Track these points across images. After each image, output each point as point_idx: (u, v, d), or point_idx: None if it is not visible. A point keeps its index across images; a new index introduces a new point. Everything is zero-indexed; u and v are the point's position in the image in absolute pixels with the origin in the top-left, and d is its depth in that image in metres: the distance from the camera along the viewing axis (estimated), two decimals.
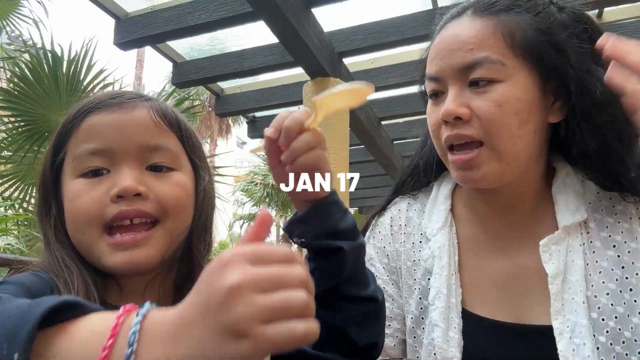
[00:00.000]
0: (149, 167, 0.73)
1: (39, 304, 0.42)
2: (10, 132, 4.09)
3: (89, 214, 0.69)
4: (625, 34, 3.08)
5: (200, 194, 0.79)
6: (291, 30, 2.55)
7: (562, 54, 0.83)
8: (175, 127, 0.78)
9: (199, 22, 2.76)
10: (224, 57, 3.42)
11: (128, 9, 2.98)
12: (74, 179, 0.71)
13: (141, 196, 0.69)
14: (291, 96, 3.83)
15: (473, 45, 0.84)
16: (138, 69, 17.30)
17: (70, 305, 0.44)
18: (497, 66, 0.82)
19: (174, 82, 3.67)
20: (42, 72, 3.90)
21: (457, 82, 0.86)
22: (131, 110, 0.73)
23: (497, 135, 0.82)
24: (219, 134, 21.84)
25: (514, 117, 0.82)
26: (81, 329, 0.43)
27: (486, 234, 0.96)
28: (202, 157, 0.83)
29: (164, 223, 0.72)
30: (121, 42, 3.01)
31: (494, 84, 0.82)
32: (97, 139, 0.71)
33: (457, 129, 0.85)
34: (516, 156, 0.84)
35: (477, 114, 0.83)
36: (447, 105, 0.84)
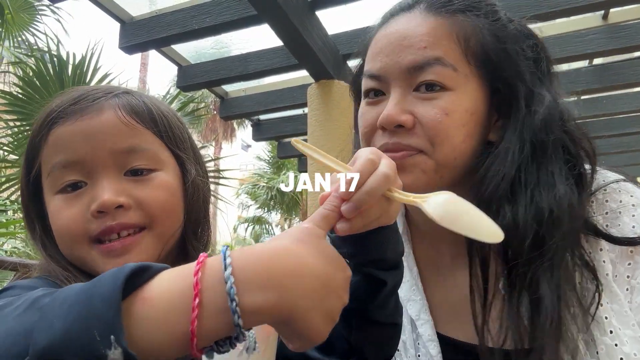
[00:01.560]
0: (127, 171, 0.69)
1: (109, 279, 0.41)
2: (16, 136, 4.11)
3: (73, 232, 0.66)
4: (631, 34, 3.04)
5: (189, 189, 0.74)
6: (295, 33, 2.55)
7: (515, 66, 0.77)
8: (149, 122, 0.72)
9: (203, 25, 2.76)
10: (229, 60, 3.43)
11: (133, 13, 2.99)
12: (53, 195, 0.68)
13: (123, 207, 0.66)
14: (296, 99, 3.83)
15: (426, 44, 0.75)
16: (142, 73, 17.38)
17: (138, 271, 0.43)
18: (448, 71, 0.74)
19: (178, 85, 3.67)
20: (47, 76, 3.92)
21: (402, 83, 0.77)
22: (97, 114, 0.68)
23: (440, 145, 0.74)
24: (223, 137, 21.89)
25: (461, 129, 0.75)
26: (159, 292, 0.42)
27: (432, 250, 0.89)
28: (185, 147, 0.77)
29: (151, 229, 0.68)
30: (126, 46, 3.01)
31: (442, 91, 0.75)
32: (67, 151, 0.67)
33: (396, 137, 0.76)
34: (453, 170, 0.77)
35: (422, 121, 0.75)
36: (389, 110, 0.76)
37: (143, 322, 0.41)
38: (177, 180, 0.74)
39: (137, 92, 0.76)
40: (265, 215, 17.08)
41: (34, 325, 0.40)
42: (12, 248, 4.75)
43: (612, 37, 3.06)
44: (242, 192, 16.43)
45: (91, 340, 0.37)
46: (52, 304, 0.41)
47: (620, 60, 3.52)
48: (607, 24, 3.10)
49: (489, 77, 0.77)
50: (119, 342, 0.38)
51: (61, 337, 0.38)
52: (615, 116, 4.32)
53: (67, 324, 0.39)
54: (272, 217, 18.12)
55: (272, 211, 16.12)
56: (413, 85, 0.77)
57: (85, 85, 0.80)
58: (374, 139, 0.80)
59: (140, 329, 0.40)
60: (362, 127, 0.83)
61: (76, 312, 0.39)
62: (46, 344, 0.38)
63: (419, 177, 0.76)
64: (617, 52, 3.18)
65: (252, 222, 17.67)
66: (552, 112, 0.76)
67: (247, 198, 16.68)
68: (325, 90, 3.05)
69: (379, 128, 0.78)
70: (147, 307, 0.41)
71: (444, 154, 0.75)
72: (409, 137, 0.75)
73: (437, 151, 0.75)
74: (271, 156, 14.99)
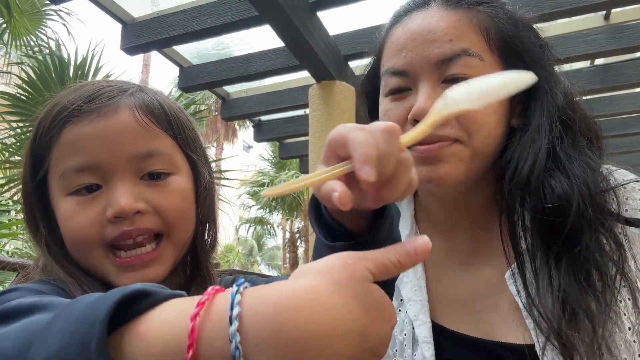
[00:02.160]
0: (144, 175, 0.67)
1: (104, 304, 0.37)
2: (19, 137, 4.13)
3: (88, 237, 0.63)
4: (633, 35, 3.04)
5: (201, 194, 0.73)
6: (297, 34, 2.55)
7: (533, 52, 0.80)
8: (165, 124, 0.70)
9: (205, 26, 2.77)
10: (230, 61, 3.43)
11: (134, 14, 3.00)
12: (64, 196, 0.65)
13: (140, 213, 0.64)
14: (297, 100, 3.83)
15: (452, 36, 0.77)
16: (144, 74, 17.40)
17: (136, 296, 0.38)
18: (475, 61, 0.76)
19: (180, 86, 3.68)
20: (49, 77, 3.94)
21: (430, 77, 0.78)
22: (113, 115, 0.65)
23: (477, 132, 0.76)
24: (225, 138, 21.90)
25: (493, 116, 0.77)
26: (155, 330, 0.37)
27: (446, 246, 0.90)
28: (198, 149, 0.75)
29: (169, 237, 0.67)
30: (128, 47, 3.02)
31: None
32: (82, 153, 0.64)
33: None
34: (485, 156, 0.79)
35: None
36: (422, 102, 0.76)
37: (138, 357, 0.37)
38: (190, 183, 0.72)
39: (149, 89, 0.74)
40: (267, 215, 17.09)
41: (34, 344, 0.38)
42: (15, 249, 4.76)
43: (613, 38, 3.05)
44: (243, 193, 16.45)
45: None
46: (56, 318, 0.39)
47: (622, 60, 3.52)
48: (608, 24, 3.09)
49: (510, 64, 0.79)
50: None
51: (56, 356, 0.36)
52: (617, 117, 4.31)
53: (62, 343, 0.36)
54: (273, 218, 18.13)
55: (273, 212, 16.13)
56: (441, 78, 0.78)
57: (95, 80, 0.76)
58: None
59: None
60: None
61: (70, 331, 0.37)
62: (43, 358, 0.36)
63: (456, 166, 0.77)
64: (618, 53, 3.17)
65: (253, 222, 17.68)
66: (567, 93, 0.81)
67: (248, 199, 16.70)
68: (327, 91, 3.05)
69: (410, 122, 0.78)
70: (141, 344, 0.37)
71: (480, 141, 0.77)
72: (443, 128, 0.75)
73: (473, 139, 0.76)
74: (273, 156, 15.00)
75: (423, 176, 0.78)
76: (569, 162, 0.75)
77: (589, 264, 0.70)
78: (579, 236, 0.70)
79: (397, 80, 0.82)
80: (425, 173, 0.77)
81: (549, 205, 0.72)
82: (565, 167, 0.75)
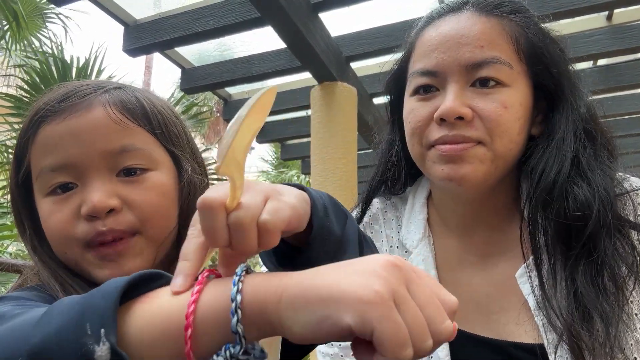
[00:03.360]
0: (120, 172, 0.66)
1: (115, 280, 0.39)
2: None
3: (65, 235, 0.63)
4: (636, 35, 3.03)
5: (184, 187, 0.71)
6: (298, 35, 2.55)
7: (560, 63, 0.83)
8: (141, 119, 0.68)
9: (206, 28, 2.77)
10: (232, 62, 3.43)
11: (137, 16, 3.00)
12: (43, 197, 0.65)
13: (115, 210, 0.63)
14: (299, 101, 3.82)
15: (484, 43, 0.79)
16: (146, 75, 17.43)
17: (147, 278, 0.41)
18: (505, 68, 0.79)
19: (182, 88, 3.68)
20: (51, 79, 3.94)
21: (459, 79, 0.80)
22: (86, 112, 0.64)
23: (500, 137, 0.78)
24: None
25: (517, 122, 0.80)
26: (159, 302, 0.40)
27: (460, 248, 0.91)
28: (181, 144, 0.74)
29: (144, 232, 0.66)
30: (130, 49, 3.02)
31: (499, 87, 0.79)
32: (55, 152, 0.64)
33: (456, 129, 0.79)
34: (506, 161, 0.81)
35: (482, 114, 0.78)
36: (451, 102, 0.78)
37: (138, 319, 0.38)
38: (171, 179, 0.71)
39: (130, 86, 0.73)
40: None
41: (34, 324, 0.39)
42: (17, 250, 4.77)
43: (616, 38, 3.04)
44: None
45: (82, 335, 0.36)
46: (57, 305, 0.40)
47: (625, 61, 3.51)
48: (611, 24, 3.08)
49: (536, 74, 0.82)
50: (108, 338, 0.35)
51: (55, 333, 0.37)
52: (620, 117, 4.30)
53: (64, 320, 0.37)
54: None
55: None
56: (470, 81, 0.80)
57: (75, 80, 0.75)
58: (429, 133, 0.82)
59: (134, 327, 0.38)
60: (415, 121, 0.85)
61: (75, 309, 0.38)
62: (39, 339, 0.37)
63: (477, 167, 0.79)
64: (621, 53, 3.16)
65: None
66: (589, 106, 0.84)
67: None
68: (328, 92, 3.05)
69: (436, 121, 0.81)
70: (145, 305, 0.39)
71: (503, 145, 0.79)
72: (468, 129, 0.78)
73: (495, 142, 0.78)
74: (275, 157, 15.00)
75: (444, 174, 0.80)
76: (591, 171, 0.78)
77: (605, 268, 0.72)
78: (598, 241, 0.73)
79: (425, 79, 0.83)
80: (446, 171, 0.80)
81: (572, 211, 0.75)
82: (587, 176, 0.78)
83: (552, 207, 0.77)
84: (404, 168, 0.98)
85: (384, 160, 1.00)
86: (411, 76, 0.87)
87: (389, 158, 0.99)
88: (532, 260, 0.80)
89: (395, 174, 0.98)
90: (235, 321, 0.37)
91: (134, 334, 0.38)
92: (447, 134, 0.79)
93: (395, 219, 1.00)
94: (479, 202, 0.87)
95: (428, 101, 0.83)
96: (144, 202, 0.65)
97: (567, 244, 0.76)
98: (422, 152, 0.85)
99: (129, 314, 0.39)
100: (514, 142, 0.80)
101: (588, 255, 0.73)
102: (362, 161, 3.14)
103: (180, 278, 0.41)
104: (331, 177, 2.91)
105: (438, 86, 0.83)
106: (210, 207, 0.41)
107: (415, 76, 0.85)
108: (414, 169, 0.95)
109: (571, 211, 0.75)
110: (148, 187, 0.66)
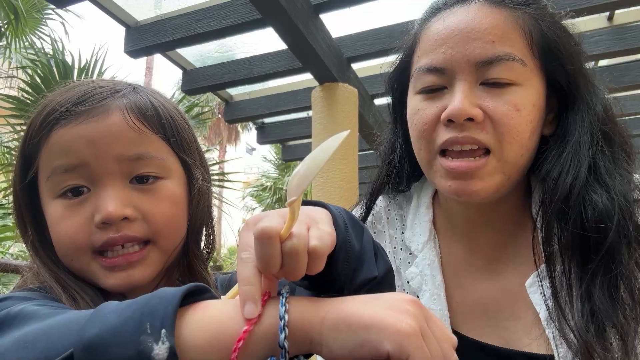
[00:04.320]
0: (133, 179, 0.65)
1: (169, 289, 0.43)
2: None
3: (76, 243, 0.63)
4: (637, 36, 3.02)
5: (194, 197, 0.71)
6: (299, 36, 2.55)
7: (576, 60, 0.77)
8: (157, 126, 0.68)
9: (208, 29, 2.77)
10: (233, 63, 3.43)
11: (138, 17, 3.01)
12: (52, 199, 0.64)
13: (128, 219, 0.63)
14: (300, 102, 3.83)
15: (495, 37, 0.72)
16: (147, 76, 17.46)
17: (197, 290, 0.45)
18: (517, 66, 0.72)
19: (183, 89, 3.68)
20: (53, 80, 3.95)
21: (468, 77, 0.74)
22: (103, 117, 0.63)
23: (510, 143, 0.72)
24: (228, 140, 21.94)
25: (529, 125, 0.73)
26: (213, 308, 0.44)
27: (467, 251, 0.87)
28: (192, 152, 0.73)
29: (156, 243, 0.66)
30: (131, 50, 3.03)
31: (511, 86, 0.73)
32: (70, 154, 0.63)
33: (465, 131, 0.73)
34: (518, 169, 0.76)
35: (493, 117, 0.72)
36: (460, 103, 0.72)
37: (190, 325, 0.42)
38: (182, 188, 0.70)
39: (144, 88, 0.73)
40: None
41: (86, 320, 0.41)
42: (19, 251, 4.78)
43: (617, 39, 3.04)
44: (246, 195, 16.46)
45: (142, 332, 0.38)
46: (106, 306, 0.43)
47: (626, 61, 3.50)
48: (612, 25, 3.08)
49: (551, 70, 0.76)
50: (168, 338, 0.38)
51: (112, 328, 0.39)
52: (622, 118, 4.29)
53: (122, 318, 0.40)
54: None
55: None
56: (480, 79, 0.74)
57: (89, 80, 0.74)
58: (436, 135, 0.77)
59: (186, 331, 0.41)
60: (421, 123, 0.78)
61: (132, 310, 0.40)
62: (96, 333, 0.39)
63: (488, 181, 0.74)
64: (623, 54, 3.16)
65: None
66: (606, 105, 0.78)
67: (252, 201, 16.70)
68: (330, 93, 3.05)
69: (443, 122, 0.75)
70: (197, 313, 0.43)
71: (513, 152, 0.73)
72: (478, 132, 0.73)
73: (505, 150, 0.73)
74: (277, 158, 15.00)
75: (452, 190, 0.75)
76: (609, 177, 0.73)
77: (622, 279, 0.68)
78: (617, 253, 0.69)
79: (432, 78, 0.77)
80: (454, 187, 0.75)
81: (590, 222, 0.70)
82: (606, 182, 0.72)
83: (569, 217, 0.72)
84: (407, 170, 0.93)
85: (387, 162, 0.95)
86: (416, 72, 0.80)
87: (391, 160, 0.93)
88: (543, 268, 0.75)
89: (398, 176, 0.94)
90: (283, 337, 0.41)
91: (185, 337, 0.41)
92: (456, 135, 0.73)
93: (399, 218, 0.96)
94: (488, 206, 0.82)
95: (434, 100, 0.77)
96: (158, 213, 0.65)
97: (584, 255, 0.71)
98: (430, 159, 0.79)
99: (181, 319, 0.42)
100: (525, 147, 0.74)
101: (606, 268, 0.68)
102: (364, 162, 3.14)
103: (250, 305, 0.43)
104: (332, 178, 2.91)
105: (446, 84, 0.76)
106: (269, 236, 0.44)
107: (421, 73, 0.78)
108: (418, 171, 0.90)
109: (590, 222, 0.70)
110: (161, 197, 0.66)
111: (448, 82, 0.76)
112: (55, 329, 0.42)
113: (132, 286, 0.64)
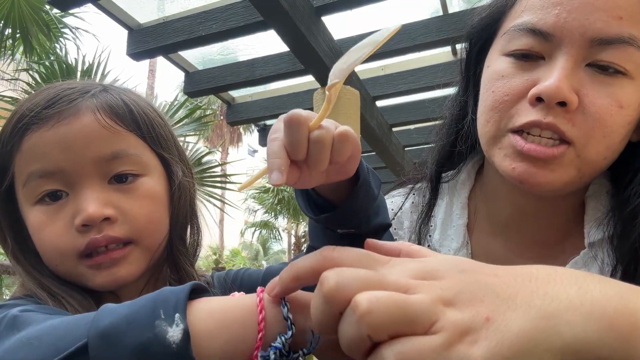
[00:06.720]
0: (111, 178, 0.64)
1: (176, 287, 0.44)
2: None
3: (59, 248, 0.62)
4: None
5: (175, 193, 0.70)
6: (301, 39, 2.56)
7: None
8: (130, 124, 0.67)
9: (210, 32, 2.78)
10: (235, 66, 3.44)
11: (140, 20, 3.02)
12: (31, 206, 0.63)
13: (109, 219, 0.62)
14: (302, 104, 3.83)
15: (624, 13, 0.58)
16: (150, 79, 17.51)
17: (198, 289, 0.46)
18: (637, 54, 0.59)
19: (186, 91, 3.69)
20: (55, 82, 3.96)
21: (577, 52, 0.61)
22: (74, 118, 0.62)
23: (598, 141, 0.61)
24: (230, 142, 21.98)
25: (625, 127, 0.62)
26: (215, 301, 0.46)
27: (504, 248, 0.80)
28: (169, 147, 0.72)
29: (139, 242, 0.65)
30: (134, 53, 3.04)
31: (622, 77, 0.60)
32: (44, 159, 0.61)
33: (552, 116, 0.61)
34: (595, 171, 0.66)
35: (588, 109, 0.60)
36: (557, 81, 0.59)
37: (200, 312, 0.43)
38: (162, 184, 0.70)
39: (114, 88, 0.71)
40: (272, 219, 17.09)
41: (94, 315, 0.41)
42: None
43: None
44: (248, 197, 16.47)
45: (156, 317, 0.39)
46: (110, 304, 0.44)
47: None
48: None
49: None
50: (182, 320, 0.39)
51: (126, 316, 0.40)
52: None
53: (134, 307, 0.41)
54: (278, 222, 18.13)
55: (279, 216, 16.14)
56: (588, 59, 0.61)
57: (58, 82, 0.70)
58: (515, 111, 0.65)
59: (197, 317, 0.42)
60: (502, 92, 0.66)
61: (142, 302, 0.42)
62: (108, 323, 0.39)
63: (559, 174, 0.63)
64: None
65: (259, 226, 17.69)
66: None
67: (254, 203, 16.71)
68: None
69: (530, 100, 0.63)
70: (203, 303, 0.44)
71: (597, 153, 0.62)
72: (566, 122, 0.61)
73: (590, 147, 0.62)
74: None
75: (515, 174, 0.64)
76: None
77: None
78: None
79: (530, 41, 0.64)
80: (519, 171, 0.64)
81: None
82: None
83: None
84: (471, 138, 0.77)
85: (455, 129, 0.80)
86: (512, 29, 0.66)
87: (462, 126, 0.79)
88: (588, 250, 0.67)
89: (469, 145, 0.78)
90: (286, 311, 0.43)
91: (194, 323, 0.42)
92: (540, 119, 0.61)
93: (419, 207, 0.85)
94: (548, 200, 0.71)
95: (525, 70, 0.65)
96: (138, 212, 0.64)
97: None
98: (497, 134, 0.67)
99: (189, 308, 0.43)
100: (611, 149, 0.63)
101: None
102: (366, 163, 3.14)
103: (277, 173, 0.44)
104: None
105: (544, 53, 0.63)
106: (298, 122, 0.45)
107: (518, 32, 0.65)
108: None
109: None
110: (141, 195, 0.65)
111: (548, 52, 0.63)
112: (61, 327, 0.43)
113: (119, 284, 0.64)
